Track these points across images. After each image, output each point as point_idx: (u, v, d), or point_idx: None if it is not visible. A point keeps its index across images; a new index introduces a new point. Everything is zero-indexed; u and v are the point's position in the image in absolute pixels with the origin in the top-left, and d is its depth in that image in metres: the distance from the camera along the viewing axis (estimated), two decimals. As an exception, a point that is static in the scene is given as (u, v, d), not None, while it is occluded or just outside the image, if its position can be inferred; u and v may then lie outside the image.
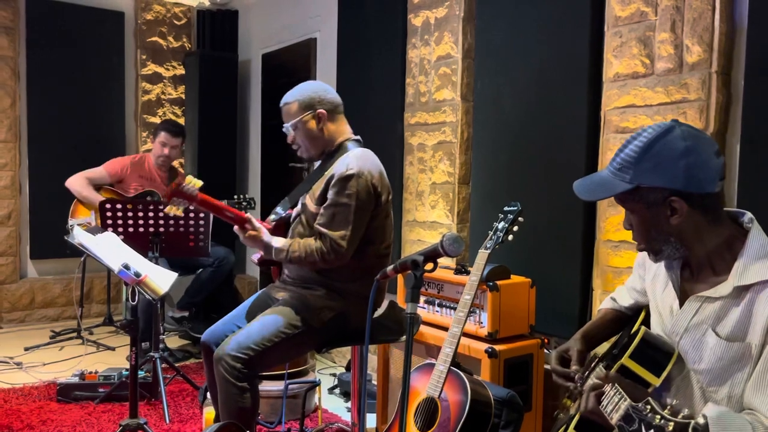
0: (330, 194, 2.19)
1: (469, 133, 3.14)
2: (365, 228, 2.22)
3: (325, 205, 2.20)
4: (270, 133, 5.09)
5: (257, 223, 2.23)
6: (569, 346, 1.62)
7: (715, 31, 2.14)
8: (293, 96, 2.33)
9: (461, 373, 1.87)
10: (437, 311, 2.64)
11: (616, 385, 1.30)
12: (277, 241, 2.22)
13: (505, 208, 2.11)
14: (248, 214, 2.22)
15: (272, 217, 2.40)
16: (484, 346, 2.37)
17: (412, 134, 3.40)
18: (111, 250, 2.29)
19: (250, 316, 2.35)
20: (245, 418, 2.14)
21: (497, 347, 2.36)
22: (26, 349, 4.15)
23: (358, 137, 2.40)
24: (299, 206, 2.36)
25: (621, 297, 1.74)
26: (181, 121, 5.31)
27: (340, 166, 2.20)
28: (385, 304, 2.49)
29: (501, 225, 2.07)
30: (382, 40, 3.68)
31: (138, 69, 5.24)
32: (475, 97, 3.11)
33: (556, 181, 2.65)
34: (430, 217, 3.30)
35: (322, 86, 2.38)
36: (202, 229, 3.34)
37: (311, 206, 2.26)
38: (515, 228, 2.07)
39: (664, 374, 1.38)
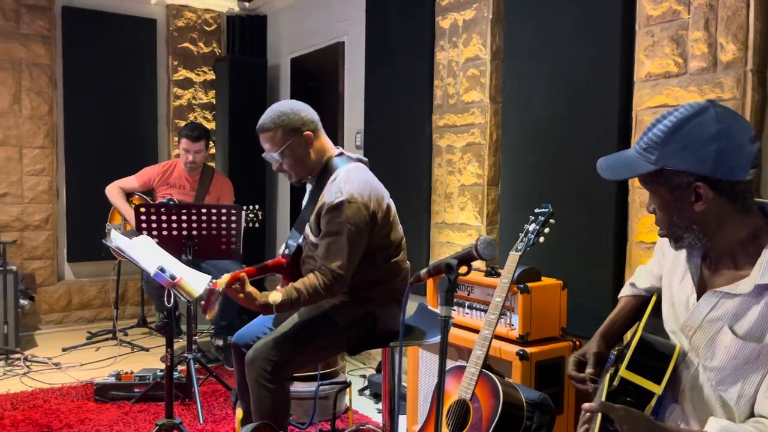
0: (322, 224, 2.14)
1: (498, 134, 3.13)
2: (368, 244, 2.17)
3: (320, 235, 2.15)
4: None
5: (251, 289, 2.11)
6: (586, 349, 1.60)
7: (749, 29, 2.11)
8: (273, 122, 2.21)
9: (493, 376, 1.87)
10: (467, 313, 2.64)
11: (606, 415, 1.27)
12: (276, 297, 2.10)
13: (536, 210, 2.10)
14: (243, 274, 2.11)
15: (285, 251, 2.37)
16: (515, 348, 2.36)
17: (441, 136, 3.41)
18: (147, 254, 2.34)
19: (277, 321, 2.38)
20: (278, 420, 2.17)
21: (528, 350, 2.35)
22: (64, 350, 4.25)
23: (340, 149, 2.32)
24: (301, 236, 2.33)
25: (640, 279, 1.68)
26: (212, 125, 5.39)
27: (329, 195, 2.13)
28: (414, 307, 2.49)
29: (532, 227, 2.07)
30: (410, 42, 3.69)
31: (170, 75, 5.33)
32: (504, 98, 3.10)
33: (587, 182, 2.63)
34: (458, 219, 3.30)
35: (298, 105, 2.27)
36: (233, 232, 3.39)
37: (310, 236, 2.24)
38: (546, 230, 2.06)
39: (665, 379, 1.34)
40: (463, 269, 1.44)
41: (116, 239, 2.33)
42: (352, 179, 2.16)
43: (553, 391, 2.38)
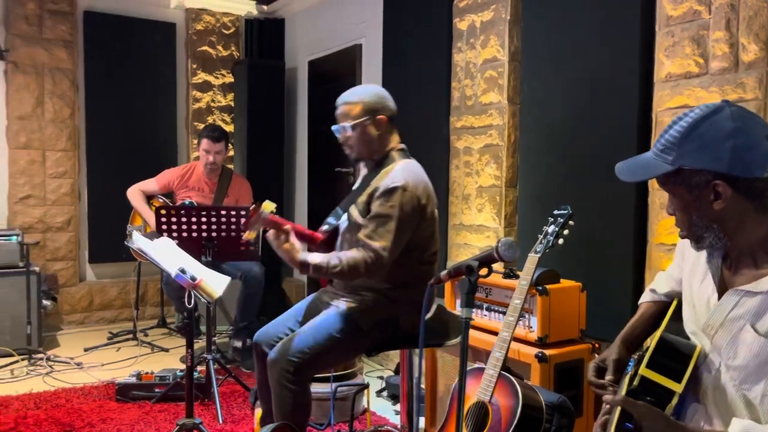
0: (374, 206, 2.19)
1: (516, 135, 3.12)
2: (409, 238, 2.22)
3: (369, 216, 2.20)
4: (316, 139, 5.17)
5: (295, 241, 2.15)
6: (606, 355, 1.60)
7: (772, 28, 2.09)
8: (358, 96, 2.30)
9: (512, 378, 1.87)
10: (485, 315, 2.64)
11: (624, 409, 1.27)
12: (315, 257, 2.16)
13: (555, 212, 2.10)
14: (288, 226, 2.16)
15: (325, 227, 2.41)
16: (534, 350, 2.36)
17: (458, 138, 3.41)
18: (168, 255, 2.37)
19: (304, 321, 2.39)
20: (298, 420, 2.18)
21: (547, 352, 2.34)
22: (86, 350, 4.31)
23: (404, 146, 2.40)
24: (346, 217, 2.37)
25: (660, 284, 1.68)
26: (230, 128, 5.44)
27: (385, 180, 2.21)
28: (433, 308, 2.50)
29: (551, 228, 2.06)
30: (427, 44, 3.69)
31: (189, 78, 5.39)
32: (522, 99, 3.10)
33: (606, 183, 2.61)
34: (476, 221, 3.29)
35: (384, 92, 2.37)
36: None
37: (356, 217, 2.28)
38: (566, 232, 2.05)
39: (686, 378, 1.34)
40: (484, 271, 1.45)
41: (138, 241, 2.36)
42: (408, 170, 2.24)
43: (572, 393, 2.37)
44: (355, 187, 2.46)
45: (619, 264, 2.59)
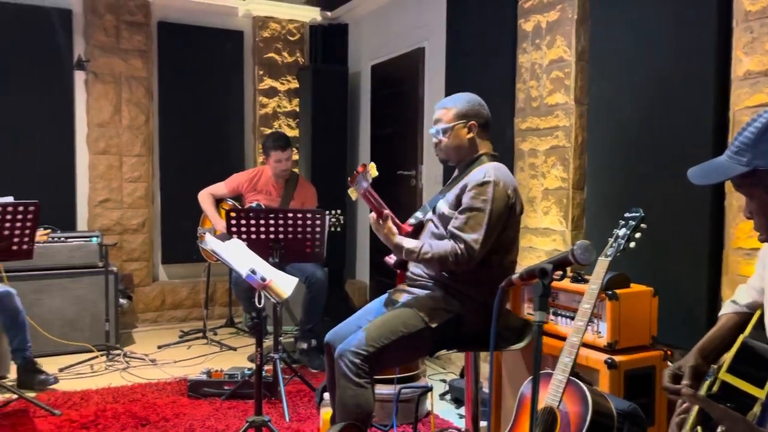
0: (465, 199, 2.26)
1: (583, 137, 3.06)
2: (497, 236, 2.26)
3: (460, 209, 2.27)
4: (379, 142, 5.21)
5: (392, 225, 2.34)
6: (683, 362, 1.55)
7: None
8: (453, 102, 2.44)
9: (581, 384, 1.83)
10: (552, 320, 2.59)
11: (702, 409, 1.23)
12: (409, 242, 2.30)
13: (626, 215, 2.05)
14: (388, 212, 2.34)
15: (412, 220, 2.50)
16: (603, 356, 2.31)
17: (523, 140, 3.37)
18: (238, 256, 2.44)
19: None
20: (361, 417, 2.19)
21: (617, 358, 2.29)
22: (159, 347, 4.49)
23: (496, 153, 2.46)
24: (432, 211, 2.45)
25: (741, 295, 1.64)
26: (295, 132, 5.55)
27: (476, 174, 2.29)
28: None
29: (622, 232, 2.01)
30: (491, 46, 3.67)
31: (255, 84, 5.54)
32: (590, 100, 3.03)
33: (679, 185, 2.52)
34: (542, 224, 3.25)
35: (479, 100, 2.47)
36: (318, 236, 3.48)
37: (445, 210, 2.35)
38: (637, 235, 2.00)
39: None
40: (558, 274, 1.43)
41: (211, 242, 2.44)
42: (499, 169, 2.32)
43: (643, 401, 2.30)
44: (444, 186, 2.53)
45: (694, 269, 2.50)
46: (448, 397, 3.53)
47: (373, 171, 2.31)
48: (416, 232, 2.46)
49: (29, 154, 4.75)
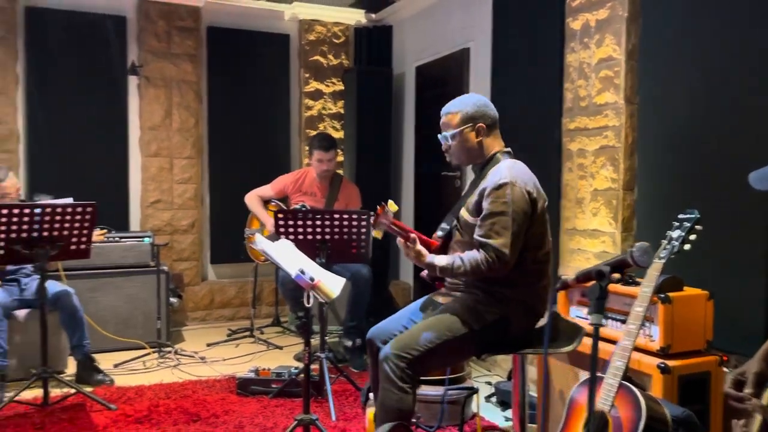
0: (485, 204, 2.23)
1: (633, 137, 3.01)
2: (524, 234, 2.23)
3: (481, 216, 2.23)
4: (423, 143, 5.21)
5: (420, 247, 2.31)
6: (746, 368, 1.51)
7: None
8: (456, 107, 2.40)
9: (634, 388, 1.80)
10: (602, 323, 2.55)
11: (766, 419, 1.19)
12: (441, 260, 2.28)
13: (681, 216, 2.00)
14: (414, 235, 2.32)
15: (439, 233, 2.47)
16: (656, 361, 2.25)
17: (571, 140, 3.32)
18: (287, 256, 2.48)
19: (418, 320, 2.43)
20: (402, 419, 2.19)
21: (670, 363, 2.23)
22: (208, 345, 4.59)
23: (509, 149, 2.43)
24: (455, 219, 2.41)
25: None
26: (340, 134, 5.60)
27: (492, 177, 2.25)
28: (546, 314, 2.45)
29: (676, 233, 1.96)
30: (538, 45, 3.63)
31: (301, 87, 5.61)
32: (641, 99, 2.97)
33: (737, 186, 2.45)
34: (591, 225, 3.20)
35: (483, 100, 2.43)
36: (363, 237, 3.50)
37: (467, 217, 2.32)
38: (692, 237, 1.95)
39: None
40: (615, 277, 1.41)
41: (261, 243, 2.49)
42: (513, 167, 2.28)
43: (697, 408, 2.24)
44: (464, 192, 2.50)
45: (751, 272, 2.43)
46: (493, 399, 3.50)
47: (392, 207, 2.31)
48: (445, 243, 2.43)
49: (86, 157, 4.92)
